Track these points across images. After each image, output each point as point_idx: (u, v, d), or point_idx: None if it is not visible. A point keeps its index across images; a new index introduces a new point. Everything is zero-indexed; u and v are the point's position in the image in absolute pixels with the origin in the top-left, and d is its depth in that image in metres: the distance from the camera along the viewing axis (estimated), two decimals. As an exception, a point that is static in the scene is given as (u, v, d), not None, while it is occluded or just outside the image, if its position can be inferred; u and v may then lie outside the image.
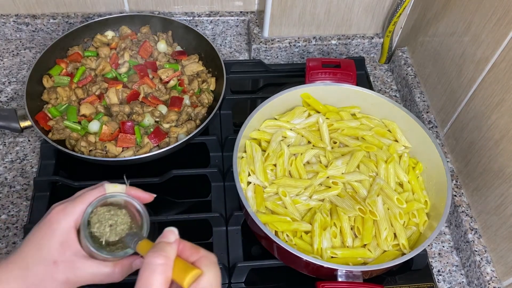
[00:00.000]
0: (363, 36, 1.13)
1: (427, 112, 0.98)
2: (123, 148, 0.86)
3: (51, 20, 1.10)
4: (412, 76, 1.04)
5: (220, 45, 1.17)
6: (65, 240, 0.52)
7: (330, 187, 0.81)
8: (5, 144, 0.94)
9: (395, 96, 1.10)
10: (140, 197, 0.57)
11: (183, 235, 0.85)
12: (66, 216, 0.53)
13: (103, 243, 0.54)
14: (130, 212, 0.57)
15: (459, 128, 0.89)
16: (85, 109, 0.90)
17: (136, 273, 0.49)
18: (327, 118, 0.91)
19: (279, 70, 1.10)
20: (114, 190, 0.56)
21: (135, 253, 0.54)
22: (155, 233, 0.56)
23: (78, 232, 0.54)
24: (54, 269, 0.51)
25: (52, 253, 0.51)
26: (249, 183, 0.82)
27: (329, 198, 0.80)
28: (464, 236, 0.83)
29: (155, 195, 0.59)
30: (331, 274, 0.70)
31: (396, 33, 1.11)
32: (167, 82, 0.96)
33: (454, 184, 0.88)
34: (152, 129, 0.88)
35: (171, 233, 0.49)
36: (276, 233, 0.76)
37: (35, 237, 0.52)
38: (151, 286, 0.45)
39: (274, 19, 1.06)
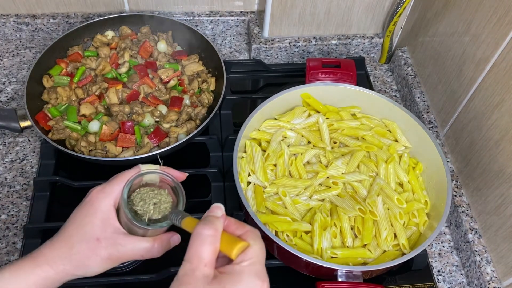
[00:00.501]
0: (363, 36, 1.13)
1: (427, 112, 0.98)
2: (123, 148, 0.86)
3: (51, 20, 1.10)
4: (412, 76, 1.04)
5: (220, 45, 1.17)
6: (106, 218, 0.54)
7: (330, 187, 0.81)
8: (5, 144, 0.94)
9: (395, 96, 1.10)
10: (174, 175, 0.59)
11: (183, 235, 0.85)
12: (106, 196, 0.55)
13: (146, 220, 0.56)
14: (163, 184, 0.59)
15: (459, 128, 0.89)
16: (85, 109, 0.90)
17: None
18: (327, 118, 0.91)
19: (279, 70, 1.09)
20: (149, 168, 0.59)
21: (172, 229, 0.57)
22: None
23: (117, 211, 0.56)
24: (97, 246, 0.53)
25: (95, 231, 0.53)
26: (249, 183, 0.82)
27: (329, 198, 0.80)
28: (464, 236, 0.83)
29: (187, 174, 0.61)
30: (331, 274, 0.70)
31: (396, 33, 1.11)
32: (167, 82, 0.96)
33: (454, 184, 0.88)
34: (152, 129, 0.88)
35: (218, 208, 0.51)
36: (276, 233, 0.76)
37: (78, 217, 0.55)
38: (201, 255, 0.46)
39: (274, 19, 1.06)
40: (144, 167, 0.58)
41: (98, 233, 0.53)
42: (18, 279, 0.51)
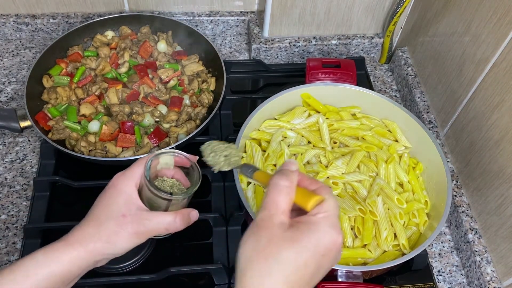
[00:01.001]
0: (363, 36, 1.13)
1: (427, 112, 0.98)
2: (123, 148, 0.86)
3: (51, 20, 1.10)
4: (412, 76, 1.04)
5: (220, 45, 1.17)
6: (129, 198, 0.58)
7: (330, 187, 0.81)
8: (5, 144, 0.94)
9: (395, 96, 1.10)
10: (187, 157, 0.62)
11: (183, 235, 0.85)
12: (127, 178, 0.59)
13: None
14: (179, 171, 0.63)
15: (459, 128, 0.89)
16: (85, 109, 0.90)
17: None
18: (327, 118, 0.91)
19: (279, 70, 1.09)
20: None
21: (191, 205, 0.62)
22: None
23: (139, 193, 0.59)
24: (124, 221, 0.56)
25: (120, 208, 0.57)
26: (249, 183, 0.82)
27: (329, 198, 0.80)
28: (464, 236, 0.83)
29: (197, 157, 0.64)
30: (331, 274, 0.70)
31: (396, 33, 1.11)
32: (167, 82, 0.96)
33: (454, 184, 0.88)
34: (152, 129, 0.88)
35: (292, 164, 0.52)
36: (276, 233, 0.76)
37: (103, 199, 0.59)
38: (278, 203, 0.48)
39: (274, 19, 1.06)
40: (164, 151, 0.61)
41: (124, 210, 0.57)
42: (52, 259, 0.54)
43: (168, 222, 0.58)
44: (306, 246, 0.46)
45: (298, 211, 0.50)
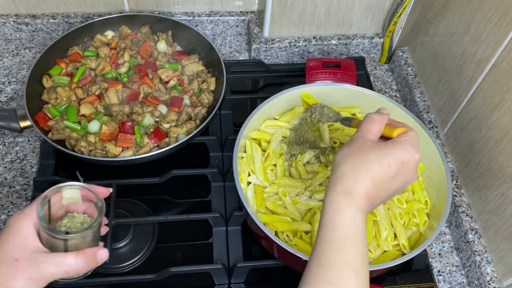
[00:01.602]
0: (363, 36, 1.13)
1: (427, 112, 0.98)
2: (123, 148, 0.86)
3: (51, 20, 1.10)
4: (412, 76, 1.04)
5: (220, 45, 1.17)
6: (25, 239, 0.54)
7: (330, 187, 0.81)
8: (5, 144, 0.94)
9: (395, 96, 1.10)
10: (96, 191, 0.59)
11: (183, 235, 0.85)
12: (25, 217, 0.55)
13: (64, 230, 0.56)
14: (92, 206, 0.59)
15: (459, 128, 0.89)
16: (85, 109, 0.90)
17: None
18: (327, 118, 0.91)
19: (279, 70, 1.09)
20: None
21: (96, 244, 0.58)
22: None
23: (39, 233, 0.55)
24: (18, 266, 0.52)
25: (13, 252, 0.53)
26: (249, 183, 0.82)
27: (329, 198, 0.80)
28: (465, 236, 0.83)
29: (111, 189, 0.62)
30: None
31: (396, 33, 1.11)
32: (167, 82, 0.96)
33: (454, 184, 0.88)
34: (152, 129, 0.88)
35: (384, 109, 0.63)
36: (276, 233, 0.76)
37: None
38: (369, 128, 0.59)
39: (274, 19, 1.06)
40: (67, 184, 0.57)
41: (17, 254, 0.53)
42: None
43: (69, 264, 0.53)
44: (390, 152, 0.56)
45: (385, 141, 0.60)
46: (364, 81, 1.08)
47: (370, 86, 1.07)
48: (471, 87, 0.84)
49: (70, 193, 0.57)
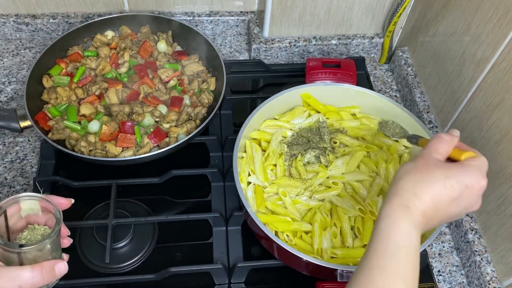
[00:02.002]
0: (363, 36, 1.13)
1: (428, 112, 0.98)
2: (123, 148, 0.86)
3: (51, 20, 1.10)
4: (412, 76, 1.04)
5: (220, 45, 1.17)
6: None
7: (330, 187, 0.81)
8: (5, 144, 0.94)
9: (395, 96, 1.10)
10: (57, 202, 0.57)
11: (183, 235, 0.85)
12: None
13: (17, 243, 0.54)
14: (50, 217, 0.57)
15: (459, 128, 0.89)
16: (85, 109, 0.90)
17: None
18: (327, 118, 0.91)
19: (279, 70, 1.09)
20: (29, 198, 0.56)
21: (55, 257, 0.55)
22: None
23: None
24: None
25: None
26: (249, 183, 0.82)
27: (329, 198, 0.80)
28: (464, 236, 0.83)
29: (73, 200, 0.60)
30: (331, 274, 0.70)
31: (396, 33, 1.11)
32: (167, 82, 0.96)
33: (454, 184, 0.88)
34: (152, 129, 0.88)
35: (455, 131, 0.61)
36: (276, 233, 0.76)
37: None
38: (437, 147, 0.58)
39: (274, 19, 1.06)
40: (24, 195, 0.55)
41: None
42: None
43: (23, 278, 0.50)
44: (455, 174, 0.54)
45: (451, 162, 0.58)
46: (364, 81, 1.08)
47: (370, 86, 1.07)
48: (471, 87, 0.84)
49: (28, 204, 0.56)
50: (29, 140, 0.95)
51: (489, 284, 0.77)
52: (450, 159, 0.58)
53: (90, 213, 0.84)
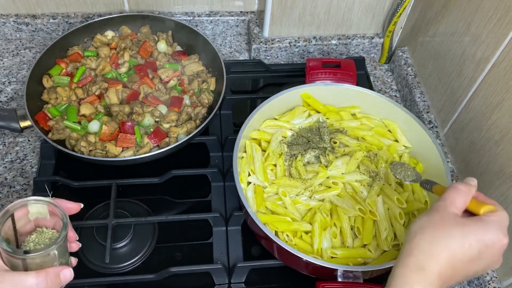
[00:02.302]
0: (363, 36, 1.13)
1: (427, 112, 0.98)
2: (123, 148, 0.86)
3: (51, 20, 1.10)
4: (412, 76, 1.04)
5: (220, 45, 1.17)
6: None
7: (330, 187, 0.81)
8: (5, 144, 0.94)
9: (395, 96, 1.10)
10: (65, 206, 0.58)
11: (183, 235, 0.85)
12: None
13: (22, 249, 0.55)
14: (57, 221, 0.57)
15: (459, 128, 0.89)
16: (85, 109, 0.90)
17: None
18: (327, 118, 0.91)
19: (279, 70, 1.09)
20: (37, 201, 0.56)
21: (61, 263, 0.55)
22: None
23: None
24: None
25: None
26: (249, 183, 0.82)
27: (329, 198, 0.80)
28: (464, 236, 0.83)
29: (82, 205, 0.60)
30: (331, 274, 0.70)
31: (396, 33, 1.11)
32: (167, 82, 0.96)
33: (454, 184, 0.88)
34: (152, 129, 0.88)
35: (473, 180, 0.58)
36: (276, 233, 0.76)
37: None
38: (454, 200, 0.54)
39: (274, 19, 1.06)
40: (32, 198, 0.55)
41: None
42: None
43: (28, 284, 0.50)
44: (474, 232, 0.51)
45: (469, 216, 0.55)
46: (364, 81, 1.08)
47: (370, 86, 1.07)
48: (471, 87, 0.84)
49: (36, 208, 0.56)
50: (29, 140, 0.95)
51: (489, 284, 0.77)
52: (467, 211, 0.55)
53: (90, 213, 0.84)
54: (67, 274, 0.54)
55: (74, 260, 0.59)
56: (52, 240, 0.55)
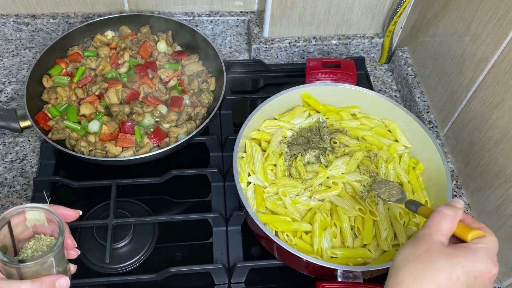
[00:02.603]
0: (363, 36, 1.13)
1: (427, 112, 0.98)
2: (123, 148, 0.86)
3: (51, 20, 1.10)
4: (412, 76, 1.04)
5: (220, 45, 1.17)
6: None
7: (330, 187, 0.81)
8: (5, 144, 0.94)
9: (395, 96, 1.10)
10: (63, 213, 0.57)
11: (183, 235, 0.85)
12: None
13: (17, 258, 0.54)
14: (55, 227, 0.56)
15: (459, 128, 0.89)
16: (85, 109, 0.90)
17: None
18: (327, 118, 0.91)
19: (279, 70, 1.09)
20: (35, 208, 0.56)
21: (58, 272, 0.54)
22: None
23: None
24: None
25: None
26: (249, 183, 0.82)
27: (329, 198, 0.80)
28: (464, 236, 0.83)
29: (81, 212, 0.59)
30: (331, 274, 0.70)
31: (396, 33, 1.11)
32: (167, 82, 0.96)
33: (454, 184, 0.88)
34: (152, 129, 0.88)
35: (459, 202, 0.55)
36: (276, 233, 0.76)
37: None
38: (439, 226, 0.51)
39: (274, 19, 1.06)
40: (29, 205, 0.55)
41: None
42: None
43: None
44: (461, 263, 0.48)
45: (456, 241, 0.52)
46: (364, 81, 1.08)
47: (370, 86, 1.07)
48: (471, 87, 0.84)
49: (34, 215, 0.55)
50: (29, 140, 0.95)
51: (489, 284, 0.77)
52: (455, 236, 0.53)
53: (90, 213, 0.84)
54: (63, 283, 0.53)
55: (73, 267, 0.59)
56: (50, 247, 0.54)
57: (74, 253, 0.60)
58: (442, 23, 0.93)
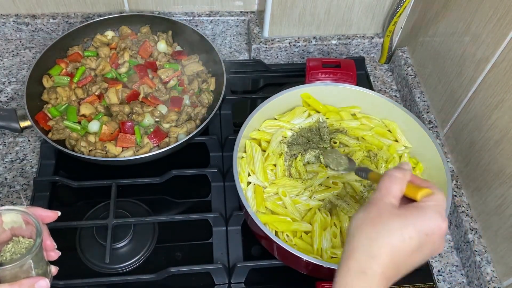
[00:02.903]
0: (363, 36, 1.13)
1: (427, 112, 0.98)
2: (123, 148, 0.86)
3: (51, 20, 1.10)
4: (412, 76, 1.04)
5: (220, 45, 1.17)
6: None
7: (330, 187, 0.81)
8: (5, 144, 0.94)
9: (395, 96, 1.10)
10: (42, 215, 0.57)
11: (183, 235, 0.85)
12: None
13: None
14: (34, 229, 0.56)
15: (459, 128, 0.89)
16: (85, 109, 0.90)
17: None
18: (327, 118, 0.91)
19: (279, 70, 1.10)
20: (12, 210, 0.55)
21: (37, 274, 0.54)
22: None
23: None
24: None
25: None
26: (249, 183, 0.82)
27: (329, 198, 0.80)
28: (464, 236, 0.83)
29: (59, 213, 0.59)
30: (331, 274, 0.70)
31: (396, 33, 1.11)
32: (167, 82, 0.96)
33: (454, 184, 0.88)
34: (152, 129, 0.88)
35: (406, 164, 0.57)
36: (276, 233, 0.76)
37: None
38: (389, 188, 0.53)
39: (274, 19, 1.06)
40: (5, 207, 0.55)
41: None
42: None
43: None
44: (412, 222, 0.50)
45: (407, 202, 0.54)
46: (364, 81, 1.08)
47: (370, 86, 1.07)
48: (471, 87, 0.84)
49: (10, 217, 0.55)
50: (29, 140, 0.95)
51: (489, 284, 0.77)
52: (406, 197, 0.54)
53: (90, 213, 0.84)
54: (43, 285, 0.53)
55: (54, 269, 0.58)
56: (28, 249, 0.54)
57: (54, 254, 0.59)
58: (442, 23, 0.93)
